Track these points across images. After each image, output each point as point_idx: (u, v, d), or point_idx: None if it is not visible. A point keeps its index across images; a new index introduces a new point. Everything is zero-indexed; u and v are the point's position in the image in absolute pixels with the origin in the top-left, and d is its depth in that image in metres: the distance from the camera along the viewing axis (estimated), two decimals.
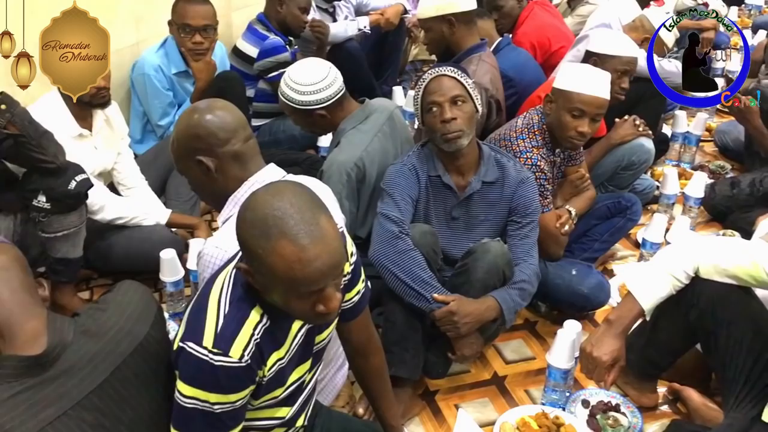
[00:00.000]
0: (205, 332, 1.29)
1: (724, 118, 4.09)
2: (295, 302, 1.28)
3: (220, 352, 1.27)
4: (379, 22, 4.07)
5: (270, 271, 1.22)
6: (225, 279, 1.35)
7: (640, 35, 3.26)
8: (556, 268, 2.43)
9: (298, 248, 1.20)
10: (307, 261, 1.21)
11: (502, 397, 2.20)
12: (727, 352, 1.82)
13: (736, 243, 1.88)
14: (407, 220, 2.06)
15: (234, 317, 1.31)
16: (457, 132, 2.05)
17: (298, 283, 1.23)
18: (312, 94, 2.22)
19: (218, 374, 1.27)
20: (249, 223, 1.24)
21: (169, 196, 2.93)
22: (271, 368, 1.37)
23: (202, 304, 1.33)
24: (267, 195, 1.25)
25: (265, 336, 1.33)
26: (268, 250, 1.21)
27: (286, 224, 1.21)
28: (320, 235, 1.22)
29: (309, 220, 1.23)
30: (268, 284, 1.27)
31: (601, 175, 2.87)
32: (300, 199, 1.25)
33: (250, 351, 1.30)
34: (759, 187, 3.08)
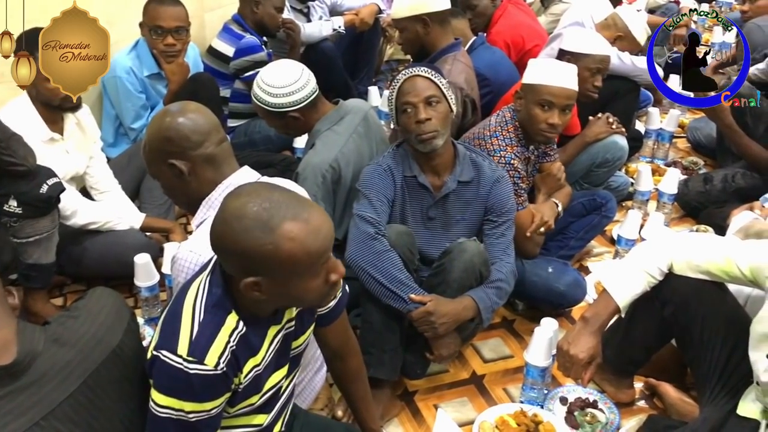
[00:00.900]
0: (179, 340, 1.27)
1: (697, 115, 4.14)
2: (312, 283, 1.28)
3: (195, 360, 1.26)
4: (354, 23, 4.06)
5: (288, 260, 1.22)
6: (200, 285, 1.34)
7: (612, 33, 3.29)
8: (532, 266, 2.44)
9: (303, 223, 1.23)
10: (315, 230, 1.24)
11: (480, 396, 2.21)
12: (702, 347, 1.84)
13: (709, 239, 1.90)
14: (383, 220, 2.06)
15: (209, 324, 1.29)
16: (431, 132, 2.05)
17: (316, 256, 1.25)
18: (285, 96, 2.21)
19: (193, 382, 1.26)
20: (242, 231, 1.22)
21: (143, 199, 2.90)
22: (247, 375, 1.35)
23: (177, 311, 1.32)
24: (243, 198, 1.25)
25: (240, 343, 1.32)
26: (278, 241, 1.21)
27: (281, 209, 1.23)
28: (309, 205, 1.28)
29: (294, 196, 1.27)
30: (282, 283, 1.26)
31: (576, 173, 2.89)
32: (274, 186, 1.29)
33: (226, 358, 1.29)
34: (731, 183, 3.13)
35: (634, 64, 3.34)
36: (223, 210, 1.26)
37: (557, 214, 2.51)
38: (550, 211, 2.47)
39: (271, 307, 1.37)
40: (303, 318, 1.51)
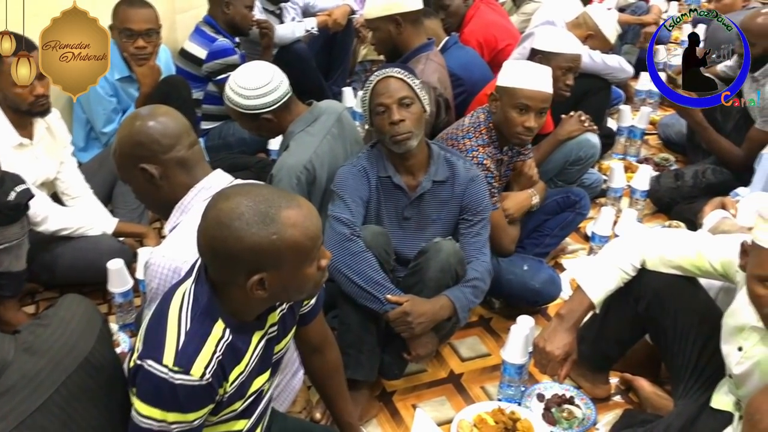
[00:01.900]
0: (165, 349, 1.25)
1: (668, 112, 4.19)
2: (310, 269, 1.30)
3: (180, 370, 1.24)
4: (327, 23, 4.05)
5: (293, 247, 1.24)
6: (185, 293, 1.32)
7: (583, 32, 3.32)
8: (508, 264, 2.46)
9: (298, 209, 1.26)
10: (310, 215, 1.28)
11: (459, 394, 2.21)
12: (675, 342, 1.87)
13: (681, 234, 1.93)
14: (358, 221, 2.05)
15: (196, 333, 1.28)
16: (405, 134, 2.05)
17: (316, 239, 1.28)
18: (257, 98, 2.20)
19: (178, 393, 1.25)
20: (245, 228, 1.22)
21: (115, 204, 2.87)
22: (233, 383, 1.34)
23: (161, 319, 1.29)
24: (235, 198, 1.25)
25: (227, 352, 1.31)
26: (281, 230, 1.23)
27: (276, 200, 1.25)
28: (294, 195, 1.32)
29: (276, 189, 1.31)
30: (286, 273, 1.27)
31: (550, 171, 2.91)
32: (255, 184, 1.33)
33: (212, 369, 1.27)
34: (702, 178, 3.17)
35: (605, 63, 3.37)
36: (216, 213, 1.24)
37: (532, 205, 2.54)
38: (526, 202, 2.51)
39: (263, 307, 1.36)
40: (285, 321, 1.50)
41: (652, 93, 4.29)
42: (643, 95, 4.30)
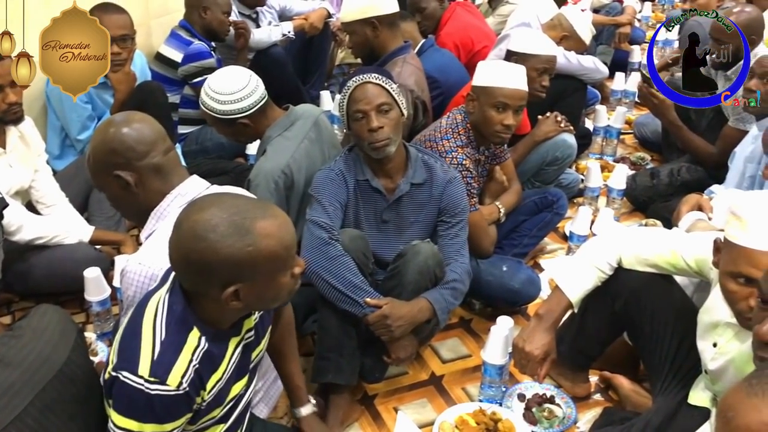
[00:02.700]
0: (140, 360, 1.24)
1: (643, 111, 4.22)
2: (284, 278, 1.30)
3: (156, 381, 1.23)
4: (304, 27, 4.05)
5: (269, 258, 1.24)
6: (158, 303, 1.31)
7: (558, 33, 3.35)
8: (487, 265, 2.47)
9: (273, 219, 1.26)
10: (285, 224, 1.28)
11: (440, 396, 2.22)
12: (652, 339, 1.89)
13: (656, 233, 1.95)
14: (336, 225, 2.05)
15: (171, 343, 1.27)
16: (384, 140, 2.05)
17: (291, 248, 1.28)
18: (233, 103, 2.19)
19: (154, 404, 1.24)
20: (220, 240, 1.21)
21: (92, 212, 2.84)
22: (210, 391, 1.33)
23: (135, 330, 1.28)
24: (209, 210, 1.24)
25: (203, 360, 1.30)
26: (256, 241, 1.22)
27: (250, 211, 1.24)
28: (267, 202, 1.33)
29: (251, 199, 1.31)
30: (261, 284, 1.26)
31: (527, 172, 2.93)
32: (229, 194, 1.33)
33: (189, 378, 1.27)
34: (677, 177, 3.20)
35: (580, 63, 3.40)
36: (191, 225, 1.23)
37: (498, 219, 2.56)
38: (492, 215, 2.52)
39: (238, 315, 1.35)
40: (263, 323, 1.50)
41: (627, 93, 4.33)
42: (619, 95, 4.34)
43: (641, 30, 5.59)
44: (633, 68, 4.65)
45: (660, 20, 6.04)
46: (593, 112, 3.98)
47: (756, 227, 1.40)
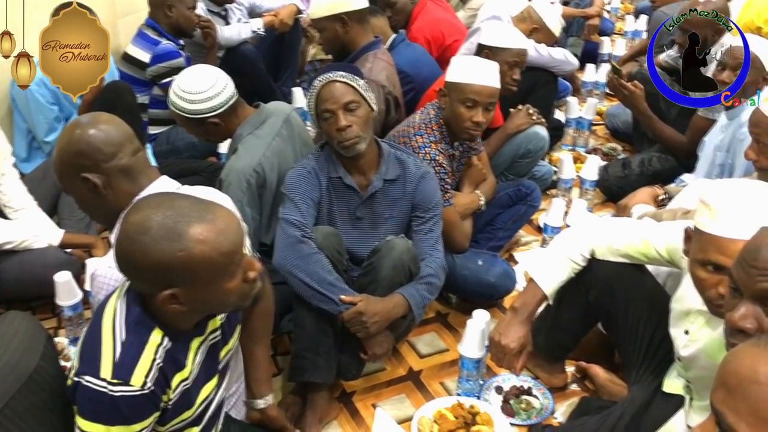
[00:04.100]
0: (101, 363, 1.23)
1: (614, 102, 4.26)
2: (230, 284, 1.26)
3: (120, 382, 1.22)
4: (274, 24, 4.02)
5: (203, 264, 1.20)
6: (116, 305, 1.30)
7: (528, 26, 3.36)
8: (462, 259, 2.47)
9: (210, 224, 1.22)
10: (224, 229, 1.23)
11: (418, 391, 2.22)
12: (626, 329, 1.90)
13: (627, 223, 1.96)
14: (309, 223, 2.04)
15: (133, 343, 1.26)
16: (353, 139, 2.04)
17: (230, 255, 1.23)
18: (203, 102, 2.16)
19: (119, 405, 1.22)
20: (151, 243, 1.19)
21: (61, 215, 2.80)
22: (175, 390, 1.32)
23: (95, 333, 1.27)
24: (144, 211, 1.23)
25: (167, 358, 1.29)
26: (189, 246, 1.19)
27: (185, 214, 1.21)
28: (213, 206, 1.26)
29: (196, 200, 1.26)
30: (201, 289, 1.24)
31: (501, 165, 2.94)
32: (174, 194, 1.31)
33: (153, 376, 1.26)
34: (648, 167, 3.24)
35: (550, 56, 3.42)
36: (126, 227, 1.23)
37: (479, 207, 2.54)
38: (473, 204, 2.51)
39: (194, 318, 1.34)
40: (230, 322, 1.48)
41: (598, 84, 4.37)
42: (590, 86, 4.37)
43: (610, 21, 5.64)
44: (603, 59, 4.69)
45: (628, 11, 6.09)
46: (565, 104, 4.01)
47: (724, 215, 1.41)
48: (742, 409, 0.84)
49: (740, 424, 0.83)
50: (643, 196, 2.38)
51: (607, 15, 5.60)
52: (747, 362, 0.86)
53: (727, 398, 0.86)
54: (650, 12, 4.67)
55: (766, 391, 0.82)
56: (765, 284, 1.15)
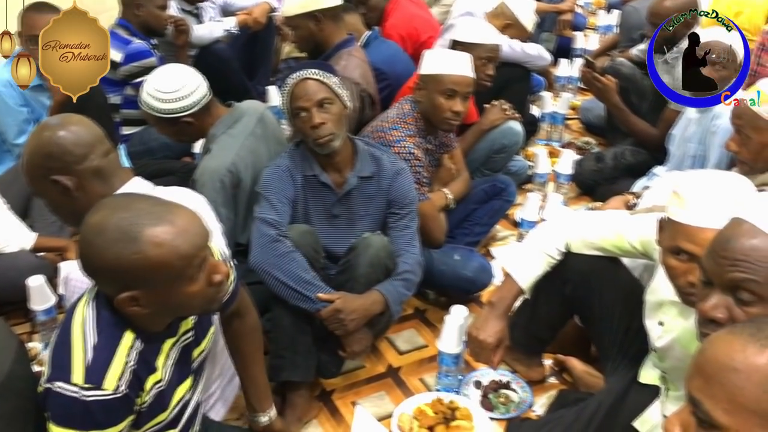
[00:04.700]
0: (72, 368, 1.21)
1: (587, 96, 4.29)
2: (193, 287, 1.24)
3: (92, 387, 1.21)
4: (247, 22, 3.98)
5: (159, 268, 1.18)
6: (85, 308, 1.28)
7: (501, 22, 3.37)
8: (440, 255, 2.48)
9: (168, 226, 1.19)
10: (183, 231, 1.21)
11: (398, 388, 2.22)
12: (602, 321, 1.92)
13: (601, 217, 1.98)
14: (285, 222, 2.04)
15: (104, 346, 1.24)
16: (327, 136, 2.04)
17: (189, 258, 1.21)
18: (176, 101, 2.14)
19: (92, 410, 1.21)
20: (106, 245, 1.18)
21: (34, 218, 2.75)
22: (149, 392, 1.31)
23: (65, 338, 1.25)
24: (101, 212, 1.22)
25: (140, 360, 1.28)
26: (144, 249, 1.17)
27: (142, 216, 1.19)
28: (174, 207, 1.24)
29: (156, 201, 1.24)
30: (160, 292, 1.22)
31: (476, 160, 2.95)
32: (135, 195, 1.30)
33: (126, 379, 1.24)
34: (621, 160, 3.27)
35: (524, 51, 3.44)
36: (84, 228, 1.21)
37: (446, 204, 2.56)
38: (440, 201, 2.53)
39: (163, 320, 1.32)
40: (202, 324, 1.47)
41: (571, 78, 4.40)
42: (563, 81, 4.40)
43: (582, 16, 5.67)
44: (576, 54, 4.72)
45: (600, 6, 6.14)
46: (539, 99, 4.03)
47: (694, 204, 1.44)
48: (719, 395, 0.85)
49: (717, 410, 0.84)
50: (616, 203, 2.41)
51: (579, 10, 5.64)
52: (724, 349, 0.87)
53: (703, 385, 0.87)
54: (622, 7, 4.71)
55: (743, 378, 0.83)
56: (735, 274, 1.16)
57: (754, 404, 0.82)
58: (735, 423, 0.83)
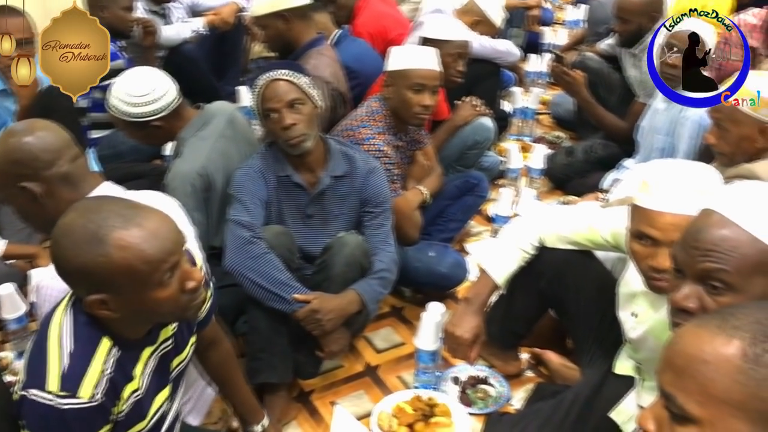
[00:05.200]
0: (48, 376, 1.19)
1: (557, 91, 4.33)
2: (163, 293, 1.21)
3: (67, 395, 1.19)
4: (215, 23, 3.95)
5: (125, 271, 1.16)
6: (63, 314, 1.26)
7: (470, 18, 3.39)
8: (414, 252, 2.48)
9: (136, 229, 1.17)
10: (151, 235, 1.18)
11: (376, 386, 2.22)
12: (577, 314, 1.94)
13: (574, 210, 2.00)
14: (259, 223, 2.02)
15: (81, 354, 1.22)
16: (299, 137, 2.04)
17: (156, 263, 1.18)
18: (146, 105, 2.11)
19: (68, 419, 1.19)
20: (72, 247, 1.17)
21: (2, 225, 2.70)
22: (126, 401, 1.29)
23: (42, 345, 1.23)
24: (71, 214, 1.21)
25: (117, 368, 1.26)
26: (109, 252, 1.16)
27: (110, 218, 1.18)
28: (145, 210, 1.22)
29: (127, 204, 1.23)
30: (129, 297, 1.20)
31: (449, 157, 2.96)
32: (106, 198, 1.27)
33: (103, 388, 1.22)
34: (592, 153, 3.31)
35: (494, 47, 3.46)
36: (54, 230, 1.21)
37: (423, 200, 2.56)
38: (416, 198, 2.52)
39: (138, 326, 1.31)
40: (182, 333, 1.46)
41: (541, 74, 4.43)
42: (533, 76, 4.43)
43: (550, 11, 5.72)
44: (545, 49, 4.75)
45: (568, 1, 6.19)
46: (509, 95, 4.06)
47: (656, 190, 1.48)
48: (691, 388, 0.86)
49: (690, 403, 0.85)
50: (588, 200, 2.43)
51: (547, 5, 5.68)
52: (692, 342, 0.88)
53: (675, 379, 0.87)
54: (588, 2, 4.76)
55: (713, 369, 0.84)
56: (705, 264, 1.18)
57: (725, 394, 0.83)
58: (708, 414, 0.84)
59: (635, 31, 3.17)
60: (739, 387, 0.82)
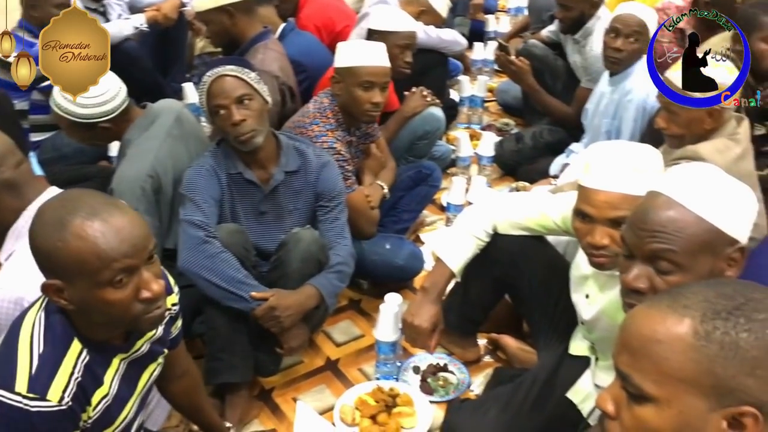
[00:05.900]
0: (17, 376, 1.17)
1: (503, 78, 4.36)
2: (114, 295, 1.18)
3: (36, 397, 1.17)
4: (157, 19, 3.86)
5: (76, 261, 1.14)
6: (36, 316, 1.24)
7: (415, 8, 3.39)
8: (370, 245, 2.49)
9: (99, 222, 1.16)
10: (112, 231, 1.16)
11: (337, 380, 2.23)
12: (531, 299, 1.98)
13: (525, 197, 2.04)
14: (212, 222, 2.00)
15: (50, 356, 1.21)
16: (248, 133, 2.01)
17: (108, 260, 1.15)
18: (97, 106, 2.05)
19: (35, 422, 1.17)
20: (39, 228, 1.18)
21: None
22: (96, 407, 1.27)
23: (11, 346, 1.21)
24: (51, 200, 1.24)
25: (86, 373, 1.24)
26: (66, 238, 1.14)
27: (78, 207, 1.17)
28: (118, 207, 1.22)
29: (104, 200, 1.22)
30: (80, 290, 1.18)
31: (400, 148, 2.97)
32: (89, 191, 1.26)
33: (71, 391, 1.20)
34: (540, 139, 3.37)
35: (440, 37, 3.47)
36: (37, 214, 1.22)
37: (383, 195, 2.56)
38: (376, 194, 2.53)
39: (103, 327, 1.28)
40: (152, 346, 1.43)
41: (486, 61, 4.45)
42: (479, 64, 4.45)
43: None
44: (489, 37, 4.79)
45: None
46: (457, 83, 4.09)
47: (595, 169, 1.53)
48: (646, 368, 0.88)
49: (646, 383, 0.88)
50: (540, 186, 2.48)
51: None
52: (645, 323, 0.90)
53: (631, 360, 0.90)
54: None
55: (667, 348, 0.87)
56: (654, 245, 1.22)
57: (679, 372, 0.86)
58: (665, 392, 0.87)
59: (577, 17, 3.22)
60: (692, 364, 0.85)
